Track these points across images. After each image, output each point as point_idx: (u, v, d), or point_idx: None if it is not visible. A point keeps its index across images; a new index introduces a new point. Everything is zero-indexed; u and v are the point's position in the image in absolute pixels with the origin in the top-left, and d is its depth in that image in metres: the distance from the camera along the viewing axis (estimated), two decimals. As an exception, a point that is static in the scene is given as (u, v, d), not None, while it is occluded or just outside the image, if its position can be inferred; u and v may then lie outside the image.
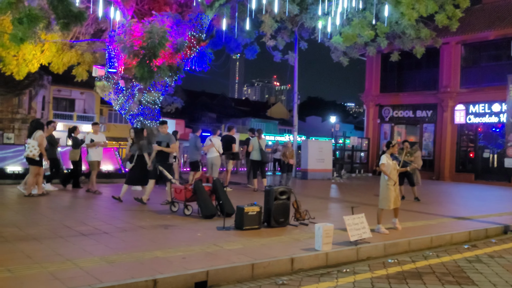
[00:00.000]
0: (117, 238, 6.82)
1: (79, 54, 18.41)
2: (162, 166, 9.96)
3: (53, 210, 9.14)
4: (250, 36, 18.97)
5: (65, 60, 18.36)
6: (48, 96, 43.09)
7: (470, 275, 6.09)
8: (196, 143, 13.68)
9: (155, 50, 13.52)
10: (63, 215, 8.51)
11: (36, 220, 7.91)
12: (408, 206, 12.04)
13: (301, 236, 7.51)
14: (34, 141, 10.52)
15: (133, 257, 5.75)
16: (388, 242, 7.36)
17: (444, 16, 15.27)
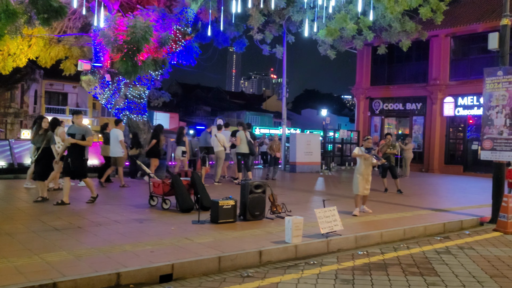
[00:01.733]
0: (89, 232, 6.90)
1: (67, 48, 18.44)
2: (75, 161, 9.11)
3: (32, 205, 9.21)
4: (238, 29, 19.00)
5: (53, 54, 18.39)
6: (41, 90, 43.05)
7: (435, 266, 6.20)
8: (206, 139, 13.84)
9: (139, 45, 13.56)
10: (40, 210, 8.59)
11: (12, 215, 7.99)
12: (388, 198, 12.17)
13: (275, 229, 7.61)
14: (57, 138, 10.79)
15: (102, 251, 5.83)
16: (360, 234, 7.46)
17: (428, 9, 15.31)
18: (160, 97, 19.44)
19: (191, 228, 7.41)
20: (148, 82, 15.89)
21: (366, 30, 16.08)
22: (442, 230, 8.79)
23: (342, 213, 8.72)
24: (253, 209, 8.26)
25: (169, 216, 8.41)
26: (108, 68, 15.26)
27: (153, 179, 9.56)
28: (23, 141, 14.84)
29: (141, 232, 7.07)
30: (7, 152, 13.97)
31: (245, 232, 7.29)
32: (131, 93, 15.51)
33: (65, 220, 7.72)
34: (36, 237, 6.47)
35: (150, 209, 9.19)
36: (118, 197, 10.84)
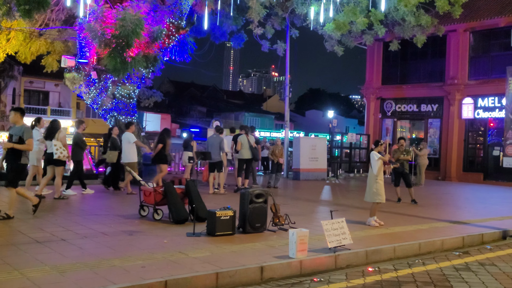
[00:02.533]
0: (74, 245, 6.91)
1: (49, 42, 18.51)
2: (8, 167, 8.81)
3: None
4: (237, 23, 19.09)
5: (33, 49, 18.45)
6: (19, 88, 43.09)
7: (454, 285, 6.22)
8: (220, 144, 13.93)
9: (128, 39, 13.59)
10: (20, 221, 8.59)
11: (-10, 226, 8.00)
12: (402, 209, 12.19)
13: (277, 242, 7.62)
14: (58, 142, 11.10)
15: (88, 266, 5.84)
16: (371, 249, 7.47)
17: (446, 2, 15.40)
18: (151, 96, 19.52)
19: (185, 241, 7.42)
20: (138, 80, 15.93)
21: (377, 24, 16.16)
22: (461, 244, 8.80)
23: (351, 224, 8.74)
24: (254, 221, 8.27)
25: (161, 228, 8.42)
26: (94, 64, 15.30)
27: (143, 187, 9.57)
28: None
29: (131, 245, 7.08)
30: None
31: (245, 246, 7.30)
32: (120, 92, 15.55)
33: (48, 231, 7.73)
34: (16, 251, 6.48)
35: (141, 220, 9.20)
36: (105, 206, 10.86)
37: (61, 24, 17.57)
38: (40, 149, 11.89)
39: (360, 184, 19.62)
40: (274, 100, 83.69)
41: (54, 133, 11.25)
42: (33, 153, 11.27)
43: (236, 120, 60.99)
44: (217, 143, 13.89)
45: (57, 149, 11.07)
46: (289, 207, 11.41)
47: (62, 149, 11.11)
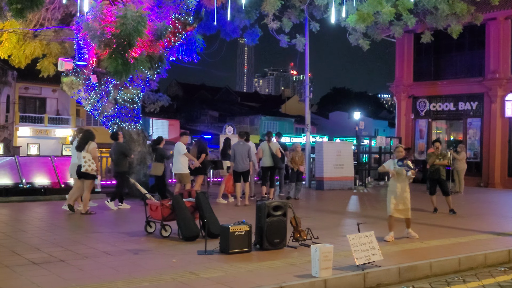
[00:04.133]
0: (74, 266, 6.98)
1: (44, 44, 18.77)
2: None
3: (4, 234, 9.35)
4: (250, 17, 19.13)
5: (28, 52, 18.73)
6: (14, 95, 43.71)
7: (499, 305, 6.13)
8: (248, 152, 14.25)
9: (130, 38, 13.70)
10: (15, 240, 8.72)
11: (-18, 247, 8.12)
12: (439, 220, 12.08)
13: (299, 260, 7.60)
14: (88, 154, 11.74)
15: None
16: (404, 266, 7.41)
17: (483, -13, 15.27)
18: (157, 100, 19.65)
19: (196, 260, 7.44)
20: (142, 83, 16.05)
21: (407, 14, 16.05)
22: (507, 259, 8.68)
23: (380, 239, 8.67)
24: (272, 236, 8.26)
25: (169, 246, 8.46)
26: (94, 67, 15.46)
27: (150, 201, 9.63)
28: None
29: (136, 265, 7.12)
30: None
31: (262, 264, 7.30)
32: (122, 97, 15.68)
33: (45, 251, 7.83)
34: (10, 273, 6.57)
35: (147, 237, 9.25)
36: (108, 223, 10.95)
37: (57, 24, 17.80)
38: None
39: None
40: (294, 102, 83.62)
41: (85, 144, 11.82)
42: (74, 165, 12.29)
43: (251, 125, 61.15)
44: (245, 151, 14.17)
45: (85, 162, 11.63)
46: (312, 220, 11.37)
47: (91, 162, 11.66)
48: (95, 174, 12.03)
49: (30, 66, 20.01)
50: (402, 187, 9.29)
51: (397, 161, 9.32)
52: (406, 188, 9.33)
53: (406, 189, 9.33)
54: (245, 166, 14.12)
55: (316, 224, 10.55)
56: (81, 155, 11.79)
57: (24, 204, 13.71)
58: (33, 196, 14.50)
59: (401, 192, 9.29)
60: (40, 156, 16.03)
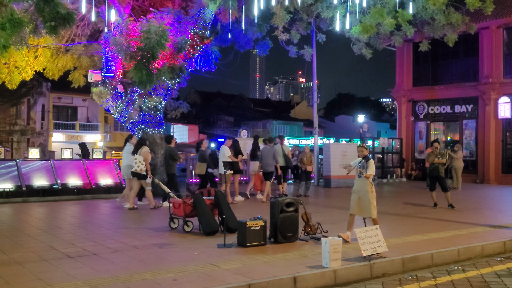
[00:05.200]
0: (105, 259, 7.01)
1: (75, 58, 18.92)
2: None
3: (43, 231, 9.44)
4: (261, 30, 19.12)
5: (60, 65, 18.88)
6: (48, 104, 44.11)
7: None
8: (274, 154, 14.67)
9: (154, 51, 13.80)
10: (51, 236, 8.79)
11: (22, 242, 8.19)
12: (439, 214, 11.98)
13: (310, 252, 7.58)
14: (139, 157, 12.30)
15: (120, 280, 5.92)
16: (407, 256, 7.36)
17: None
18: (178, 107, 19.66)
19: (216, 253, 7.46)
20: (164, 92, 16.12)
21: (406, 24, 15.97)
22: (503, 249, 8.58)
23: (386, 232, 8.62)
24: (285, 230, 8.25)
25: (191, 240, 8.48)
26: (120, 78, 15.57)
27: (173, 199, 9.66)
28: (31, 160, 15.20)
29: (161, 258, 7.15)
30: (15, 173, 14.32)
31: (277, 256, 7.29)
32: (146, 105, 15.76)
33: (79, 246, 7.88)
34: (48, 266, 6.62)
35: (171, 232, 9.29)
36: (135, 220, 10.99)
37: (86, 39, 17.97)
38: None
39: (393, 189, 19.38)
40: (302, 107, 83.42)
41: (139, 148, 12.41)
42: (127, 167, 12.79)
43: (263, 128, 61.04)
44: (271, 154, 14.62)
45: (136, 163, 12.17)
46: (321, 215, 11.35)
47: (141, 163, 12.15)
48: (145, 174, 12.36)
49: (62, 78, 20.16)
50: (362, 186, 8.45)
51: (359, 160, 8.61)
52: (366, 188, 8.40)
53: (367, 188, 8.39)
54: (270, 167, 14.55)
55: (325, 219, 10.53)
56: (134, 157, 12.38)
57: (59, 203, 13.82)
58: (67, 196, 14.62)
59: (360, 191, 8.47)
60: (73, 159, 16.09)
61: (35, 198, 14.14)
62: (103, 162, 16.36)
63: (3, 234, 8.97)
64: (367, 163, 8.42)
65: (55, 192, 14.57)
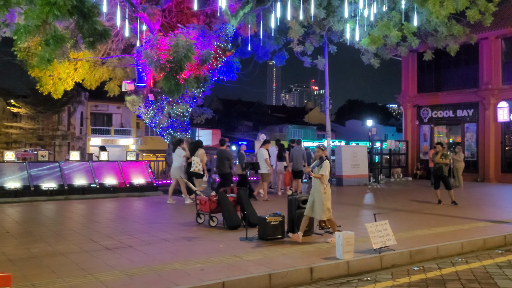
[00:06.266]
0: (139, 251, 7.08)
1: (110, 70, 19.18)
2: None
3: (83, 225, 9.56)
4: (278, 42, 19.15)
5: (97, 76, 19.16)
6: (86, 112, 44.67)
7: (498, 282, 5.98)
8: (303, 155, 15.11)
9: (181, 63, 13.91)
10: (91, 230, 8.90)
11: (65, 236, 8.31)
12: (443, 210, 11.83)
13: (324, 245, 7.56)
14: (197, 158, 12.65)
15: (153, 270, 5.98)
16: (414, 249, 7.29)
17: (476, 11, 14.94)
18: (203, 114, 19.78)
19: (239, 245, 7.47)
20: (190, 99, 16.22)
21: (411, 36, 15.86)
22: (503, 242, 8.45)
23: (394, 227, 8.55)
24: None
25: (216, 234, 8.51)
26: (151, 87, 15.71)
27: (199, 197, 9.71)
28: (72, 162, 15.42)
29: (190, 250, 7.19)
30: (58, 174, 14.55)
31: (294, 249, 7.28)
32: (174, 111, 15.87)
33: (116, 239, 7.97)
34: (89, 257, 6.71)
35: (198, 226, 9.33)
36: (165, 215, 11.07)
37: (120, 53, 18.19)
38: (183, 164, 13.33)
39: (400, 187, 19.18)
40: (315, 112, 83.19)
41: (196, 150, 12.78)
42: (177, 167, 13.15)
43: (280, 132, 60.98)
44: (301, 154, 15.04)
45: (194, 164, 12.48)
46: (334, 211, 11.16)
47: (198, 164, 12.46)
48: (202, 173, 12.65)
49: (99, 88, 20.42)
50: (315, 187, 7.79)
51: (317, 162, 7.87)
52: (318, 189, 7.70)
53: (319, 189, 7.69)
54: (301, 166, 14.84)
55: (338, 215, 10.46)
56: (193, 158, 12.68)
57: (97, 200, 13.98)
58: (104, 194, 14.76)
59: (315, 192, 7.78)
60: (109, 161, 16.27)
61: (76, 196, 14.33)
62: (136, 163, 16.51)
63: (48, 228, 9.11)
64: (322, 164, 7.72)
65: (93, 190, 14.74)
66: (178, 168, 13.25)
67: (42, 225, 9.58)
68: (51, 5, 9.73)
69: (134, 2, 14.88)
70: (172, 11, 17.27)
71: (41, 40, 10.36)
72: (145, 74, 15.81)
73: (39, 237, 8.21)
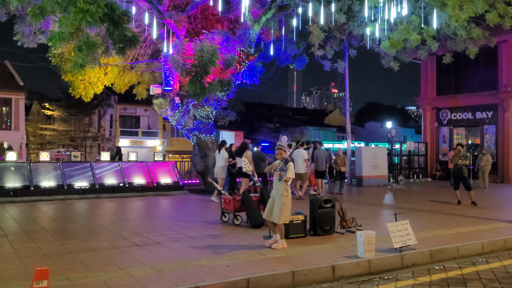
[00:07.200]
0: (167, 248, 7.14)
1: (139, 74, 19.43)
2: None
3: (114, 222, 9.69)
4: (299, 47, 19.09)
5: (126, 80, 19.44)
6: (115, 114, 45.29)
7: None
8: (326, 156, 15.31)
9: (206, 67, 14.00)
10: (121, 227, 9.02)
11: (97, 232, 8.44)
12: (463, 211, 11.62)
13: (346, 243, 7.50)
14: (246, 159, 12.85)
15: (180, 266, 6.02)
16: (435, 249, 7.17)
17: (495, 15, 14.62)
18: (226, 116, 19.86)
19: (263, 243, 7.45)
20: (215, 102, 16.30)
21: (430, 40, 15.61)
22: (524, 243, 8.24)
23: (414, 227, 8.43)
24: (323, 224, 8.19)
25: (241, 232, 8.53)
26: (177, 91, 15.85)
27: (224, 196, 9.75)
28: (103, 163, 15.66)
29: (215, 247, 7.21)
30: (89, 173, 14.80)
31: (316, 247, 7.24)
32: (200, 114, 15.97)
33: (145, 236, 8.05)
34: (119, 253, 6.80)
35: (222, 225, 9.36)
36: (191, 214, 11.14)
37: (148, 58, 18.41)
38: (224, 165, 13.66)
39: (419, 188, 18.91)
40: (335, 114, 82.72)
41: (243, 152, 13.02)
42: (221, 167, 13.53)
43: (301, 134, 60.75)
44: (324, 156, 15.15)
45: (245, 164, 12.64)
46: (355, 211, 11.19)
47: (248, 165, 12.64)
48: (251, 173, 12.84)
49: (128, 91, 20.71)
50: (278, 190, 7.12)
51: (279, 162, 7.24)
52: (281, 191, 7.07)
53: (282, 192, 7.05)
54: (324, 167, 15.06)
55: (359, 214, 10.39)
56: (241, 160, 12.87)
57: (126, 199, 14.16)
58: (132, 193, 14.94)
59: (276, 194, 7.14)
60: (138, 161, 16.45)
61: (106, 194, 14.53)
62: (163, 163, 16.67)
63: (81, 225, 9.27)
64: (286, 166, 7.07)
65: (122, 189, 14.93)
66: (221, 168, 13.64)
67: (75, 222, 9.75)
68: (84, 13, 9.91)
69: (161, 10, 15.04)
70: (197, 17, 17.40)
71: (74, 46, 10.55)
72: (171, 78, 15.95)
73: (72, 233, 8.36)
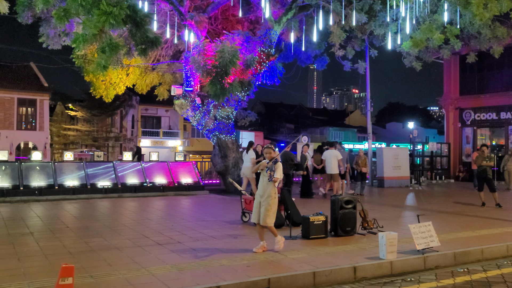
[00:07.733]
0: (189, 247, 7.19)
1: (160, 75, 19.61)
2: None
3: (135, 221, 9.80)
4: (320, 47, 18.99)
5: (148, 81, 19.63)
6: (137, 115, 45.81)
7: (547, 286, 5.70)
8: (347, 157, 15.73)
9: (227, 68, 14.04)
10: (143, 226, 9.11)
11: (120, 231, 8.55)
12: (487, 213, 11.40)
13: (367, 245, 7.43)
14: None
15: (201, 265, 6.06)
16: (459, 251, 7.06)
17: (521, 13, 14.29)
18: (247, 116, 19.88)
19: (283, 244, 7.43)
20: (235, 103, 16.33)
21: (454, 39, 15.34)
22: (551, 246, 8.04)
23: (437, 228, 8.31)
24: (344, 225, 8.14)
25: (261, 232, 8.51)
26: (198, 91, 15.94)
27: (244, 196, 9.77)
28: (125, 162, 15.86)
29: (236, 247, 7.24)
30: (112, 173, 15.00)
31: (338, 248, 7.20)
32: (220, 114, 16.03)
33: (166, 235, 8.12)
34: (141, 252, 6.87)
35: (243, 225, 9.39)
36: (211, 213, 11.20)
37: (169, 59, 18.57)
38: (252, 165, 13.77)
39: (442, 189, 18.63)
40: (356, 115, 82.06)
41: None
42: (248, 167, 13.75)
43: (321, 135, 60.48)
44: (345, 156, 15.35)
45: None
46: (376, 212, 11.09)
47: None
48: None
49: (149, 92, 20.92)
50: (265, 190, 6.91)
51: (267, 162, 6.96)
52: (269, 192, 6.89)
53: (270, 193, 6.88)
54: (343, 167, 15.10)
55: (380, 216, 10.28)
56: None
57: (148, 198, 14.30)
58: (154, 192, 15.08)
59: (263, 195, 6.93)
60: (159, 161, 16.59)
61: (128, 194, 14.70)
62: (184, 164, 16.79)
63: (104, 224, 9.41)
64: (275, 165, 6.88)
65: (144, 189, 15.09)
66: (248, 168, 13.78)
67: (98, 221, 9.89)
68: (107, 15, 10.06)
69: (182, 11, 15.16)
70: (218, 18, 17.48)
71: (97, 48, 10.72)
72: (192, 79, 16.05)
73: (95, 232, 8.48)
